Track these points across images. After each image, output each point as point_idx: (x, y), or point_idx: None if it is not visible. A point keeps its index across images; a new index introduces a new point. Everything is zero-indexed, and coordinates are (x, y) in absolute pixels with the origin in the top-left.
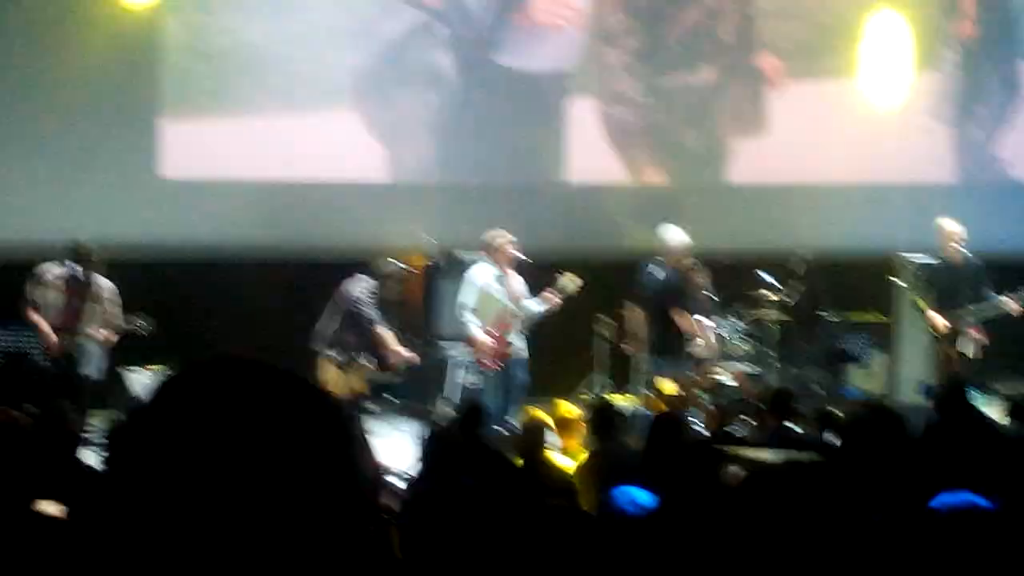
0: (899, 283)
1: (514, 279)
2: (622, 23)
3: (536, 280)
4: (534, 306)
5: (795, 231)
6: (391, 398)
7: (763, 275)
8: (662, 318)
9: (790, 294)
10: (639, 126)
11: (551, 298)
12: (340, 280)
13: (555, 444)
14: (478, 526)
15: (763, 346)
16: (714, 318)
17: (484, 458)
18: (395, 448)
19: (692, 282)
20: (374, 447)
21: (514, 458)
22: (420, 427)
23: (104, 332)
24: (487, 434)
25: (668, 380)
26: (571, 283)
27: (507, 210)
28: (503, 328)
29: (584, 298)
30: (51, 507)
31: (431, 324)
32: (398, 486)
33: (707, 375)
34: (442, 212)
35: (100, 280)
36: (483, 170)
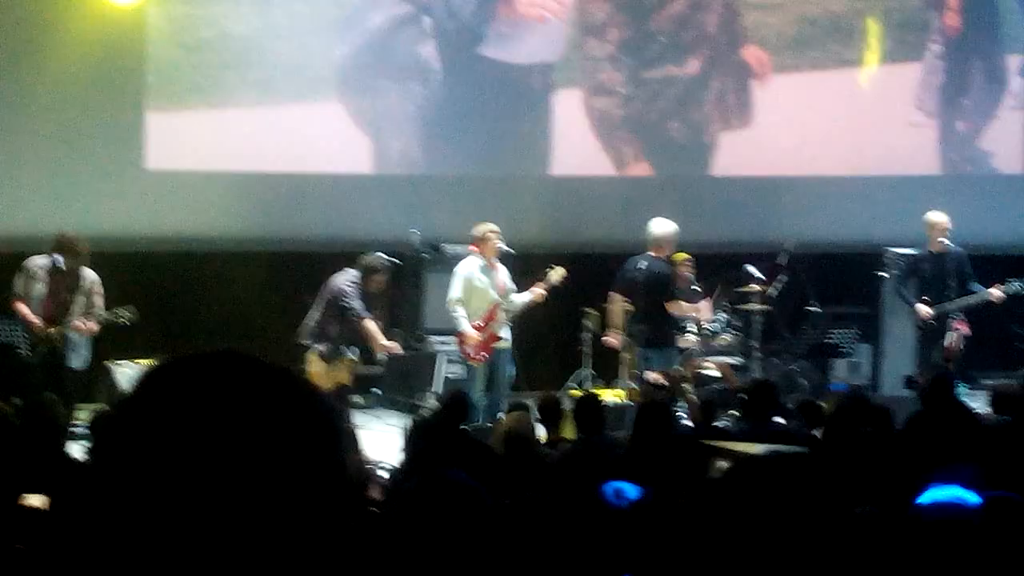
0: (884, 275)
1: (500, 271)
2: (607, 15)
3: (522, 272)
4: (520, 298)
5: (780, 223)
6: (377, 390)
7: (748, 268)
8: (650, 311)
9: (775, 287)
10: (624, 118)
11: (538, 291)
12: (325, 272)
13: (542, 435)
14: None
15: (748, 339)
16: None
17: (467, 450)
18: (380, 440)
19: (680, 275)
20: (360, 439)
21: (498, 449)
22: (405, 419)
23: (89, 324)
24: (471, 426)
25: (655, 372)
26: (556, 274)
27: (492, 202)
28: (490, 320)
29: (570, 291)
30: (36, 500)
31: (419, 317)
32: (383, 477)
33: (694, 367)
34: (427, 204)
35: (85, 272)
36: (468, 162)
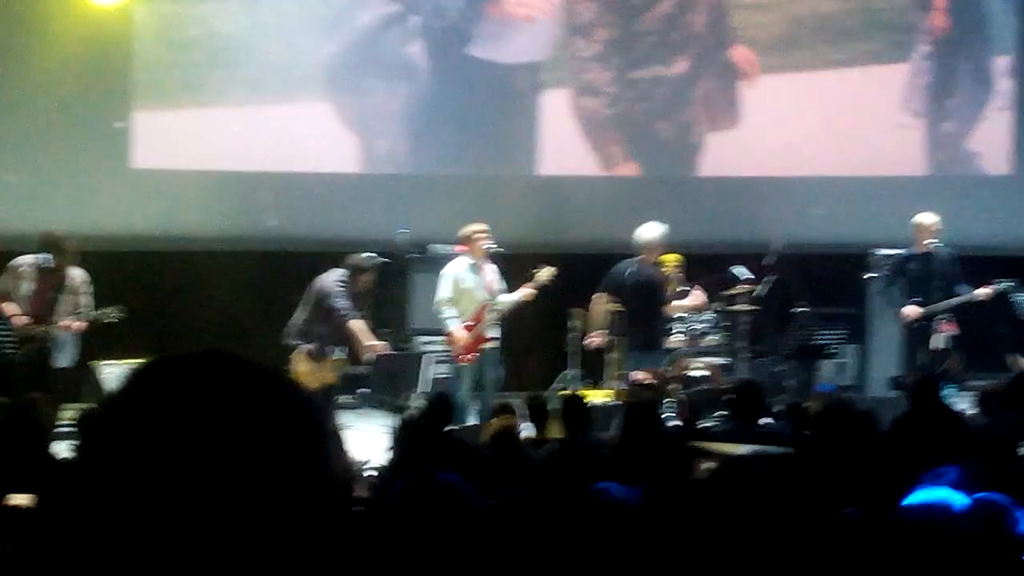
0: (871, 276)
1: (489, 271)
2: (594, 15)
3: (509, 272)
4: (509, 298)
5: (767, 224)
6: (364, 390)
7: (735, 268)
8: (639, 315)
9: (762, 287)
10: (611, 118)
11: (527, 290)
12: (313, 271)
13: (529, 435)
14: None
15: (735, 339)
16: (689, 311)
17: (453, 450)
18: (367, 440)
19: (670, 278)
20: (346, 439)
21: (484, 450)
22: (392, 419)
23: (76, 323)
24: (457, 426)
25: (643, 372)
26: (545, 273)
27: (479, 202)
28: (479, 321)
29: (557, 291)
30: (22, 499)
31: (406, 317)
32: (369, 477)
33: (681, 368)
34: (414, 204)
35: (72, 270)
36: (455, 162)
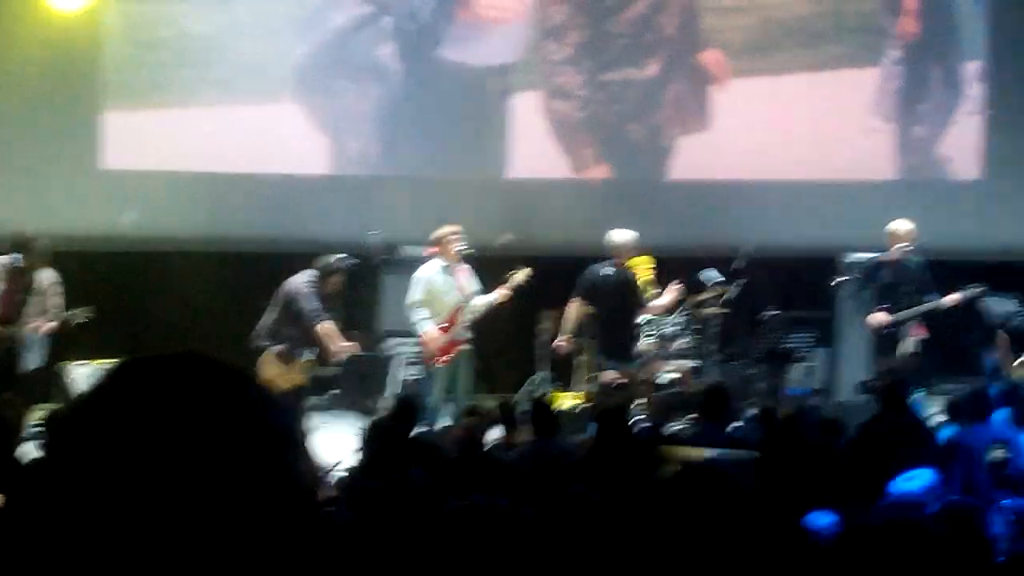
0: (840, 281)
1: (462, 273)
2: (566, 17)
3: (481, 275)
4: (484, 300)
5: (738, 228)
6: (333, 392)
7: (706, 272)
8: (612, 317)
9: (732, 291)
10: (583, 121)
11: (502, 292)
12: (283, 272)
13: (498, 438)
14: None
15: (705, 342)
16: (662, 312)
17: (420, 453)
18: (336, 441)
19: (641, 280)
20: (314, 441)
21: (451, 453)
22: (362, 421)
23: (46, 324)
24: (426, 428)
25: (613, 374)
26: (521, 275)
27: (450, 204)
28: (452, 323)
29: (528, 294)
30: None
31: (375, 319)
32: (336, 479)
33: (651, 371)
34: (385, 206)
35: (43, 271)
36: (426, 163)
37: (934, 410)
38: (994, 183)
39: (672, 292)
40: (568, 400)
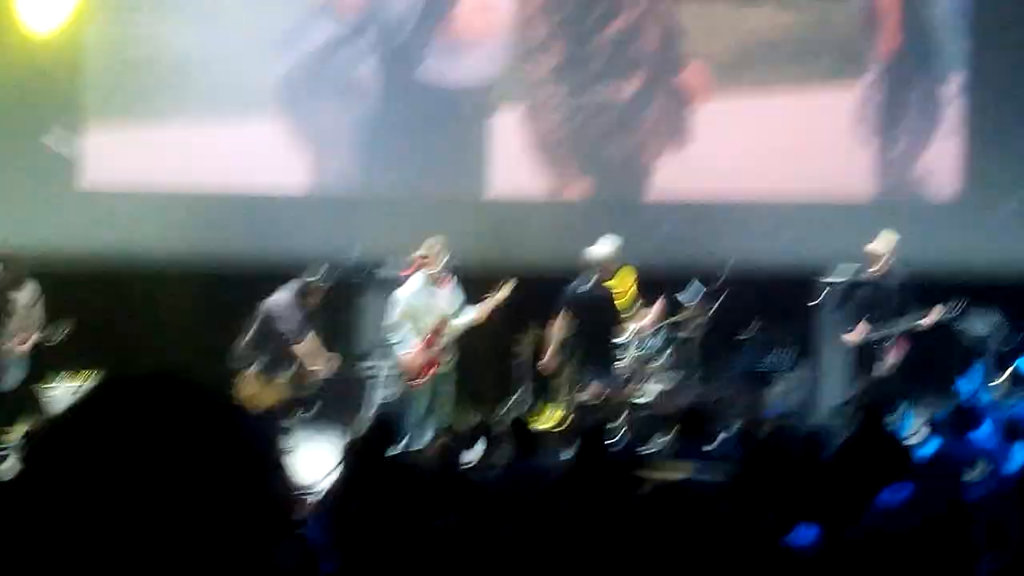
0: (820, 299)
1: (445, 291)
2: (546, 36)
3: (466, 293)
4: (465, 318)
5: (717, 246)
6: (311, 411)
7: (685, 291)
8: (593, 332)
9: (711, 310)
10: (562, 139)
11: (484, 308)
12: (262, 291)
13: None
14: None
15: (684, 362)
16: (644, 328)
17: (395, 472)
18: (314, 461)
19: (624, 294)
20: (292, 460)
21: (430, 471)
22: (339, 440)
23: (23, 342)
24: (405, 447)
25: (593, 390)
26: (503, 291)
27: (430, 222)
28: (432, 342)
29: (507, 312)
30: None
31: (354, 338)
32: (314, 498)
33: (630, 390)
34: (365, 224)
35: (22, 289)
36: (406, 182)
37: (913, 427)
38: (973, 201)
39: (656, 310)
40: (547, 418)
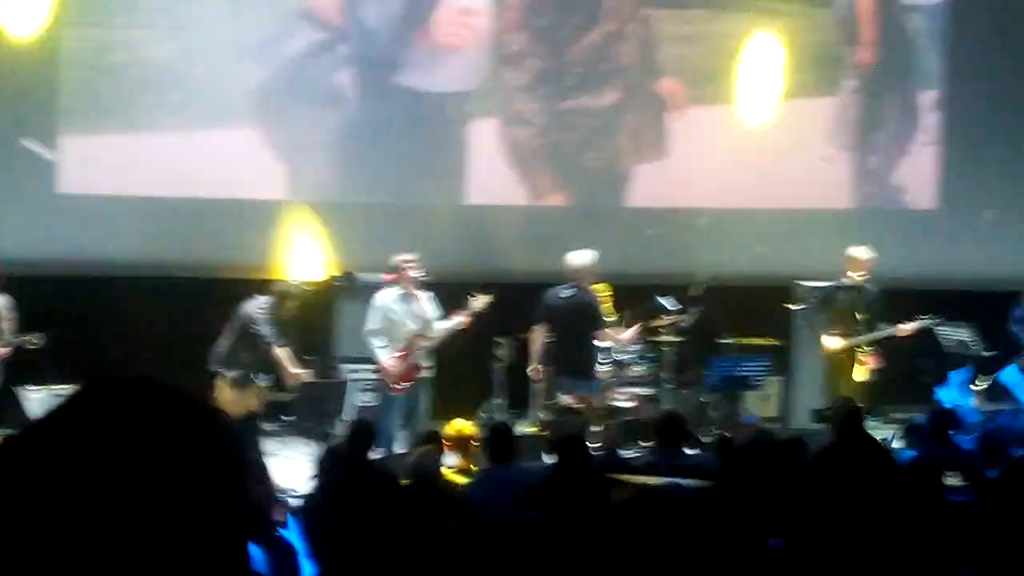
0: (796, 308)
1: (420, 300)
2: (523, 45)
3: (438, 302)
4: (442, 327)
5: (693, 255)
6: (287, 418)
7: (661, 299)
8: (572, 340)
9: (687, 318)
10: (540, 148)
11: (461, 318)
12: (238, 298)
13: (452, 463)
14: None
15: (660, 370)
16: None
17: (374, 479)
18: (291, 468)
19: (600, 305)
20: (269, 466)
21: (406, 479)
22: (316, 447)
23: (0, 348)
24: (382, 454)
25: (570, 400)
26: (480, 301)
27: (407, 231)
28: (410, 351)
29: (485, 320)
30: None
31: (332, 344)
32: (290, 504)
33: (606, 398)
34: (342, 232)
35: None
36: (383, 190)
37: (887, 437)
38: (949, 212)
39: (633, 330)
40: (522, 426)
